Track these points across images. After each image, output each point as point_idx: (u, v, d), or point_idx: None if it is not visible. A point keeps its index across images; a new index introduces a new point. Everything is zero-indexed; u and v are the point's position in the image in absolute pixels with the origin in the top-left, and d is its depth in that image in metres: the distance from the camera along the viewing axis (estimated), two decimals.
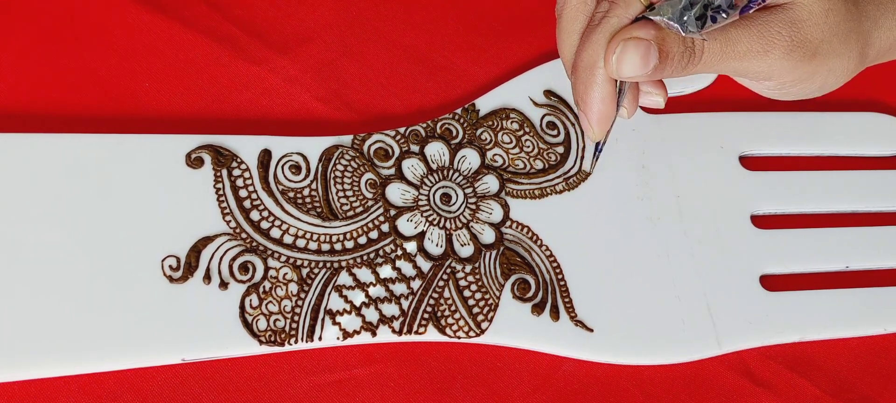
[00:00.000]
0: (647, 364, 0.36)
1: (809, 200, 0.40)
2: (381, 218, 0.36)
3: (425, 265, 0.35)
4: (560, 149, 0.39)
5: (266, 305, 0.34)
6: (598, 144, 0.36)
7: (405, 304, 0.35)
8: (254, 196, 0.36)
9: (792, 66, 0.33)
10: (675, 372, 0.36)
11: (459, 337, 0.34)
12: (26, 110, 0.38)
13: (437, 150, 0.38)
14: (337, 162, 0.37)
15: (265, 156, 0.37)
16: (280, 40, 0.41)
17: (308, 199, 0.36)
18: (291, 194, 0.36)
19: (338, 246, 0.35)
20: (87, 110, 0.38)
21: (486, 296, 0.35)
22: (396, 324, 0.34)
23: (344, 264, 0.35)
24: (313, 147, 0.37)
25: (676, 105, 0.41)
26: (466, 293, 0.35)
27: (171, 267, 0.34)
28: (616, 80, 0.33)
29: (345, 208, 0.36)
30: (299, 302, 0.34)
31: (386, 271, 0.35)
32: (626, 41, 0.31)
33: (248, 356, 0.34)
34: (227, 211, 0.35)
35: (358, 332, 0.34)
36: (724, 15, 0.30)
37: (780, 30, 0.33)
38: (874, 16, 0.35)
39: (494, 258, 0.36)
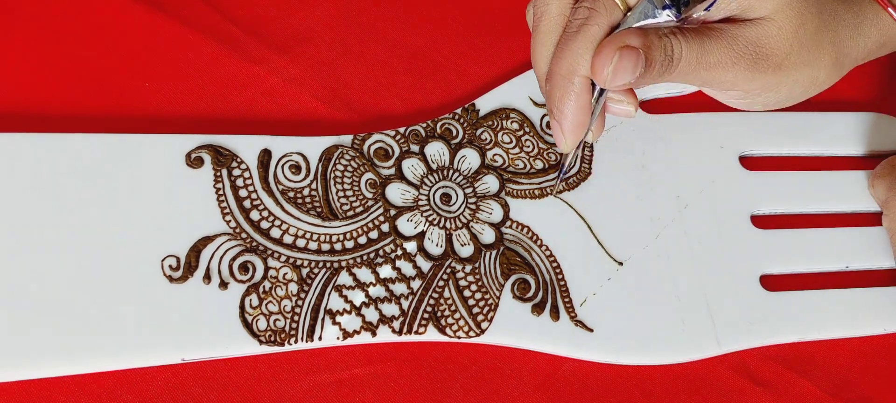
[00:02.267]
0: (647, 364, 0.36)
1: (809, 200, 0.40)
2: (381, 218, 0.36)
3: (425, 265, 0.35)
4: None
5: (266, 305, 0.34)
6: (563, 167, 0.37)
7: (405, 304, 0.35)
8: (254, 196, 0.36)
9: (754, 77, 0.34)
10: (675, 372, 0.36)
11: (459, 337, 0.34)
12: (26, 110, 0.38)
13: (437, 150, 0.38)
14: (337, 162, 0.37)
15: (265, 155, 0.37)
16: (280, 40, 0.41)
17: (308, 199, 0.36)
18: (291, 194, 0.36)
19: (338, 246, 0.35)
20: (87, 110, 0.38)
21: (486, 296, 0.35)
22: (396, 324, 0.34)
23: (344, 264, 0.35)
24: (313, 147, 0.37)
25: (676, 105, 0.41)
26: (466, 293, 0.35)
27: (171, 267, 0.34)
28: (592, 90, 0.33)
29: (345, 208, 0.36)
30: (299, 302, 0.34)
31: (386, 271, 0.35)
32: (622, 49, 0.31)
33: (248, 356, 0.34)
34: (227, 210, 0.35)
35: (358, 332, 0.34)
36: None
37: (746, 44, 0.33)
38: (853, 23, 0.36)
39: (494, 258, 0.36)
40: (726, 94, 0.36)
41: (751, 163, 0.41)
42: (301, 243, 0.35)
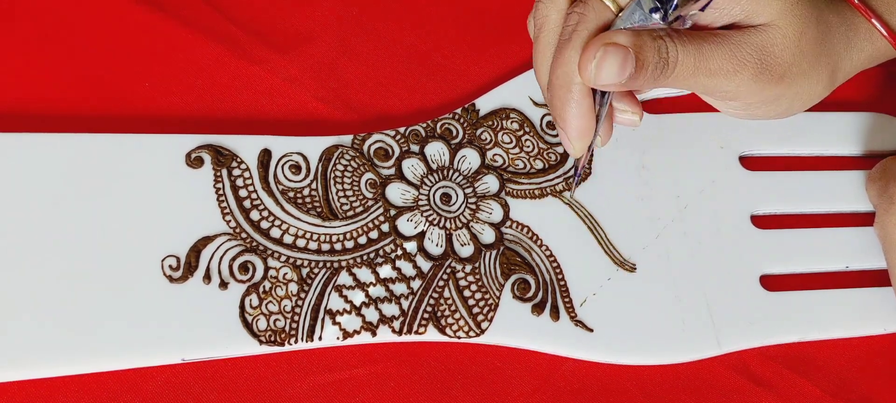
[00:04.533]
0: (647, 364, 0.36)
1: (809, 200, 0.40)
2: (381, 218, 0.36)
3: (425, 265, 0.35)
4: (560, 149, 0.39)
5: (266, 305, 0.34)
6: (576, 168, 0.36)
7: (405, 304, 0.35)
8: (254, 196, 0.36)
9: (759, 88, 0.33)
10: (675, 372, 0.36)
11: (459, 337, 0.34)
12: (26, 110, 0.38)
13: (437, 150, 0.38)
14: (337, 162, 0.37)
15: (265, 155, 0.37)
16: (280, 40, 0.41)
17: (308, 199, 0.36)
18: (291, 194, 0.36)
19: (338, 246, 0.35)
20: (87, 110, 0.38)
21: (486, 296, 0.35)
22: (396, 324, 0.34)
23: (344, 264, 0.35)
24: (313, 147, 0.37)
25: (676, 105, 0.41)
26: (466, 293, 0.35)
27: (171, 267, 0.34)
28: (593, 95, 0.33)
29: (345, 208, 0.36)
30: (299, 302, 0.34)
31: (386, 271, 0.35)
32: (606, 46, 0.31)
33: (248, 356, 0.34)
34: (227, 210, 0.35)
35: (358, 332, 0.34)
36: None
37: (751, 51, 0.33)
38: (846, 37, 0.35)
39: (494, 258, 0.36)
40: (726, 104, 0.36)
41: (751, 163, 0.41)
42: (301, 243, 0.35)
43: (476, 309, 0.35)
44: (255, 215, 0.35)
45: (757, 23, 0.33)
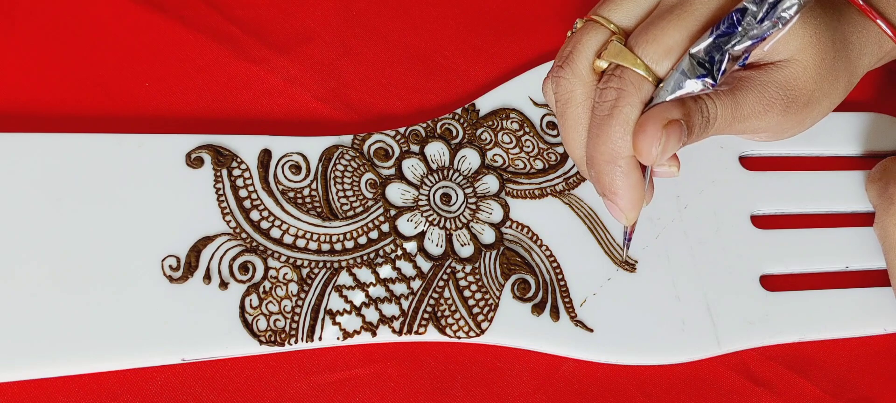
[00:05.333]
0: (647, 364, 0.36)
1: (809, 200, 0.40)
2: (382, 218, 0.36)
3: (425, 265, 0.35)
4: (560, 149, 0.39)
5: (266, 305, 0.34)
6: (627, 237, 0.35)
7: (405, 304, 0.35)
8: (254, 196, 0.36)
9: (787, 119, 0.34)
10: (675, 372, 0.36)
11: (459, 337, 0.34)
12: (26, 110, 0.38)
13: (437, 150, 0.38)
14: (337, 162, 0.37)
15: (265, 155, 0.37)
16: (280, 40, 0.41)
17: (308, 199, 0.36)
18: (291, 194, 0.36)
19: (338, 246, 0.35)
20: (87, 110, 0.38)
21: (486, 296, 0.35)
22: (396, 324, 0.34)
23: (344, 264, 0.35)
24: (313, 147, 0.37)
25: None
26: (466, 293, 0.35)
27: (171, 267, 0.34)
28: (640, 165, 0.32)
29: (345, 208, 0.36)
30: (299, 302, 0.34)
31: (386, 271, 0.35)
32: (668, 126, 0.30)
33: (248, 356, 0.34)
34: (227, 211, 0.35)
35: (358, 332, 0.34)
36: (737, 52, 0.31)
37: (777, 89, 0.33)
38: (859, 44, 0.36)
39: (494, 258, 0.36)
40: (755, 136, 0.36)
41: (750, 163, 0.41)
42: (301, 243, 0.35)
43: (476, 309, 0.35)
44: (255, 215, 0.35)
45: (776, 59, 0.33)
